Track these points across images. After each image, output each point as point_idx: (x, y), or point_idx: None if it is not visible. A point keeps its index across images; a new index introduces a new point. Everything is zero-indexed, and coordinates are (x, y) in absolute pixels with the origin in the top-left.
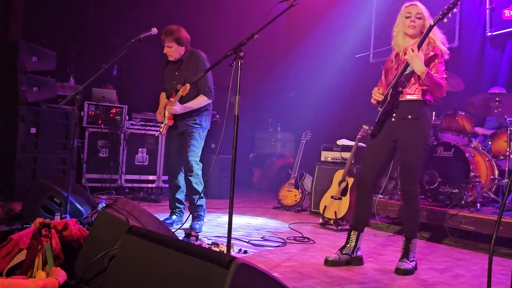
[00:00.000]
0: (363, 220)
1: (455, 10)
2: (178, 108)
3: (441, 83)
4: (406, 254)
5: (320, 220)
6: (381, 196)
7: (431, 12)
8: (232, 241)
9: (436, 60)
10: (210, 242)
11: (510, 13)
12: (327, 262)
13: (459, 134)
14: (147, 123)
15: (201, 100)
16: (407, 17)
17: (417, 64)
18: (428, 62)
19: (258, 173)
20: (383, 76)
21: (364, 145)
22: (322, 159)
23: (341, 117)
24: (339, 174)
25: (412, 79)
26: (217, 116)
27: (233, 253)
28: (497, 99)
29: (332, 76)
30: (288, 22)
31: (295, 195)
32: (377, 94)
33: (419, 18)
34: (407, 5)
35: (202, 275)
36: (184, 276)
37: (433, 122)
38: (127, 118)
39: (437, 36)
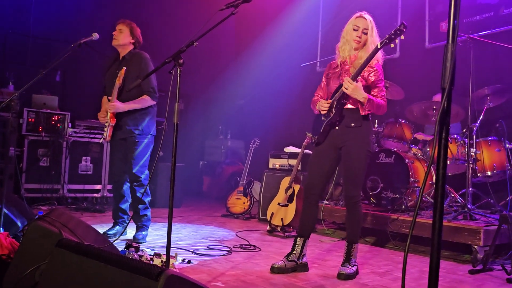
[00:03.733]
0: (309, 228)
1: (402, 37)
2: (119, 105)
3: (382, 104)
4: (348, 259)
5: (268, 227)
6: (327, 202)
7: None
8: (176, 251)
9: (376, 76)
10: (152, 252)
11: (446, 26)
12: (273, 269)
13: (400, 141)
14: (92, 131)
15: (144, 101)
16: (354, 30)
17: (358, 95)
18: (368, 77)
19: (208, 181)
20: (324, 81)
21: (311, 152)
22: (270, 166)
23: (288, 124)
24: (285, 181)
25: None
26: (165, 123)
27: (177, 263)
28: (434, 107)
29: (280, 84)
30: (236, 30)
31: (244, 203)
32: (324, 106)
33: (365, 34)
34: (357, 16)
35: None
36: None
37: (376, 129)
38: (70, 126)
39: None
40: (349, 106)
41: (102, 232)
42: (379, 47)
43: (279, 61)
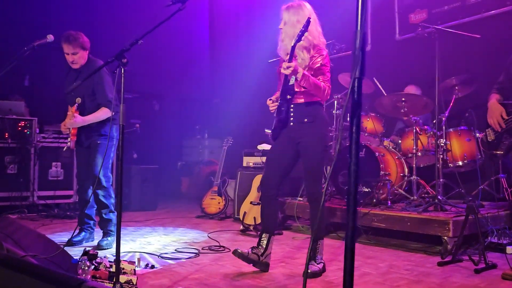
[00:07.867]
0: (271, 223)
1: (306, 34)
2: (78, 120)
3: (319, 85)
4: (313, 256)
5: (241, 227)
6: (300, 199)
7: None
8: (138, 256)
9: (321, 61)
10: (113, 259)
11: (415, 17)
12: (235, 253)
13: (371, 135)
14: (61, 135)
15: (102, 113)
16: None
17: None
18: (313, 64)
19: (186, 181)
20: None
21: None
22: (244, 164)
23: (261, 122)
24: (258, 179)
25: (296, 88)
26: (137, 125)
27: (139, 268)
28: (403, 99)
29: (252, 81)
30: (211, 28)
31: (219, 203)
32: (271, 106)
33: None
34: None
35: None
36: None
37: (346, 123)
38: (37, 131)
39: (314, 34)
40: (299, 100)
41: (67, 239)
42: (292, 44)
43: (252, 58)
